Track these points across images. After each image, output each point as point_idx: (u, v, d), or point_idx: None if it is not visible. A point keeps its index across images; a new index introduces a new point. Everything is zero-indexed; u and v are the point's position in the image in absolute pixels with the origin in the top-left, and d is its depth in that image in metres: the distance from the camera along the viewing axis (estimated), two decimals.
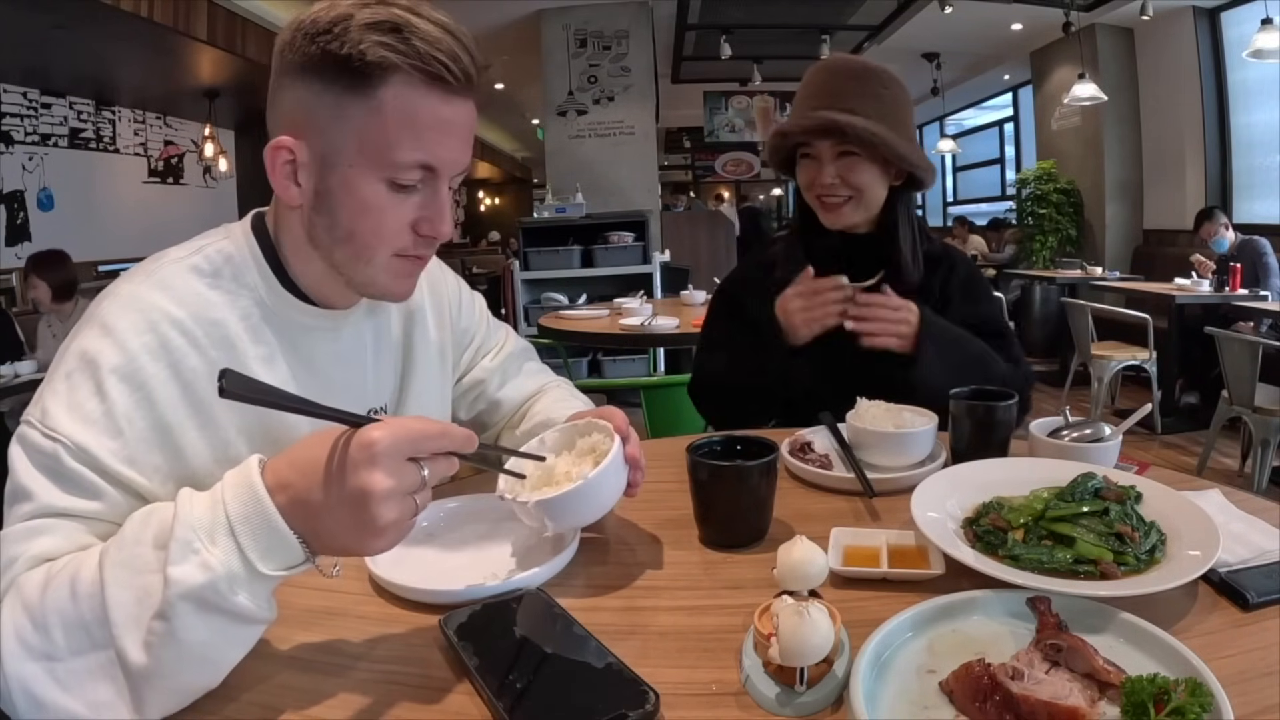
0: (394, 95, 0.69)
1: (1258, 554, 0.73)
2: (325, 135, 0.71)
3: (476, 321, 1.08)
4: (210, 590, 0.54)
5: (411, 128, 0.70)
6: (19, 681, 0.56)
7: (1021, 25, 6.49)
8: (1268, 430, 3.10)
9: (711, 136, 8.83)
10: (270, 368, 0.78)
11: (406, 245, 0.76)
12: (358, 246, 0.75)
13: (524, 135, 11.98)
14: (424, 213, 0.74)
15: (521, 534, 0.87)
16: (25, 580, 0.60)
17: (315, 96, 0.71)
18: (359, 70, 0.68)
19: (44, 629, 0.57)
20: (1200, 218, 4.73)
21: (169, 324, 0.72)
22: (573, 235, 5.18)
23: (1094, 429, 0.97)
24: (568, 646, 0.63)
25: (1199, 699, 0.49)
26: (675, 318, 3.09)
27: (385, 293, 0.80)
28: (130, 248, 6.04)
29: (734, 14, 6.49)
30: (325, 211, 0.74)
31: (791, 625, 0.55)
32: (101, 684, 0.55)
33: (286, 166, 0.73)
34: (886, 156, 1.27)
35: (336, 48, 0.68)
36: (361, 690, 0.60)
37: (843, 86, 1.27)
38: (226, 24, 4.92)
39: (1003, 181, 8.96)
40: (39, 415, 0.67)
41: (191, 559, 0.55)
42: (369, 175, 0.71)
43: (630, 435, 0.81)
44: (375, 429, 0.57)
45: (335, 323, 0.84)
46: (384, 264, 0.76)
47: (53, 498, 0.65)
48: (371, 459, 0.55)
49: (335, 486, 0.56)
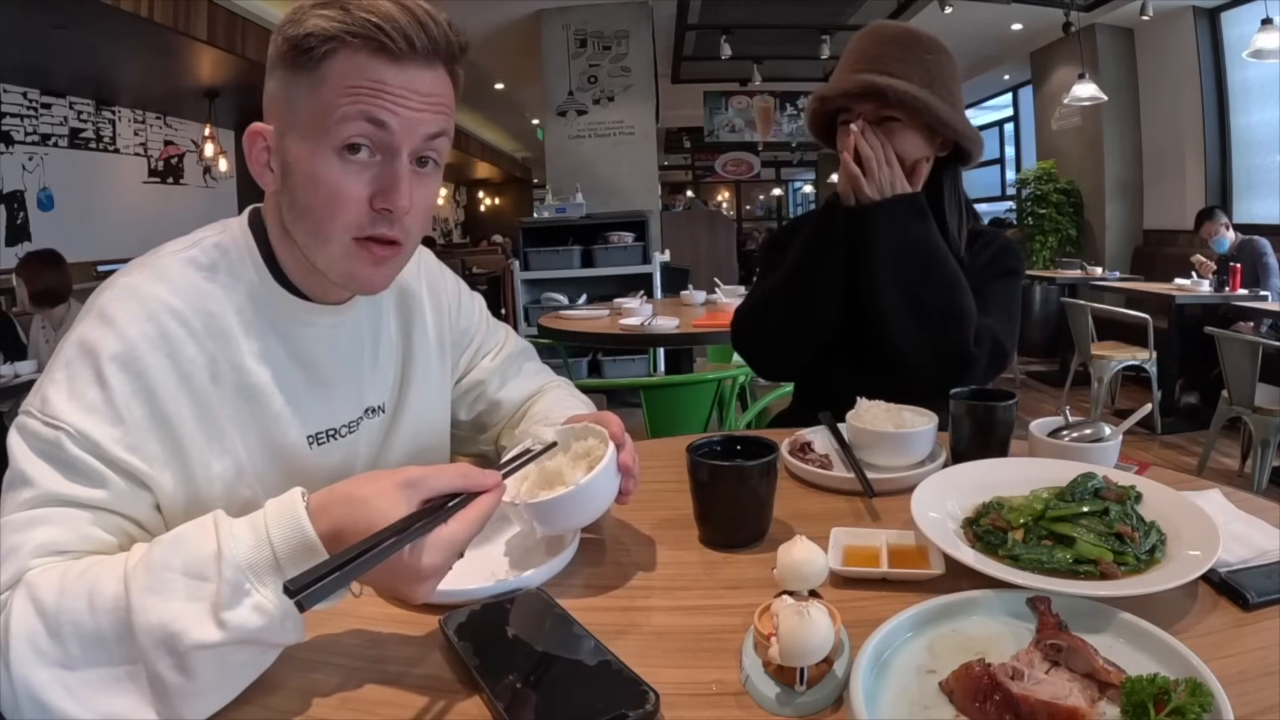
0: (338, 65, 0.70)
1: (1258, 554, 0.73)
2: (282, 115, 0.73)
3: (476, 322, 1.07)
4: (266, 631, 0.56)
5: (354, 93, 0.70)
6: (27, 686, 0.55)
7: (1021, 25, 6.49)
8: (1268, 430, 3.10)
9: (711, 136, 8.84)
10: (264, 362, 0.78)
11: (364, 224, 0.73)
12: (313, 223, 0.74)
13: (524, 135, 11.98)
14: (378, 186, 0.72)
15: (521, 534, 0.87)
16: (37, 581, 0.59)
17: (278, 83, 0.73)
18: (304, 46, 0.70)
19: (58, 638, 0.56)
20: (1200, 217, 4.73)
21: (167, 314, 0.73)
22: (573, 235, 5.17)
23: (1094, 429, 0.97)
24: (567, 646, 0.63)
25: (1199, 699, 0.49)
26: (675, 318, 3.09)
27: (351, 281, 0.78)
28: (130, 248, 6.02)
29: (734, 14, 6.49)
30: (287, 190, 0.75)
31: (791, 625, 0.55)
32: (118, 695, 0.55)
33: (262, 153, 0.75)
34: (930, 123, 1.24)
35: (291, 31, 0.70)
36: (361, 690, 0.60)
37: (886, 51, 1.25)
38: (226, 24, 4.92)
39: (1003, 181, 8.96)
40: (38, 405, 0.67)
41: (244, 602, 0.55)
42: (317, 145, 0.71)
43: (625, 442, 0.81)
44: (427, 555, 0.60)
45: (332, 320, 0.84)
46: (343, 246, 0.74)
47: (55, 484, 0.64)
48: (420, 580, 0.61)
49: (383, 578, 0.61)
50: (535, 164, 13.49)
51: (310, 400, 0.82)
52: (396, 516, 0.59)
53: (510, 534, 0.86)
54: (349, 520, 0.59)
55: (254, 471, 0.78)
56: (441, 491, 0.63)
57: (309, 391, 0.82)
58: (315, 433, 0.83)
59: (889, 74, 1.22)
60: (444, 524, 0.61)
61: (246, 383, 0.77)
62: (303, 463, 0.82)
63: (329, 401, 0.85)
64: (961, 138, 1.27)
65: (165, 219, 6.73)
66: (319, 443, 0.83)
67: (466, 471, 0.65)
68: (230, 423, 0.76)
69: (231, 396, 0.76)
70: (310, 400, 0.82)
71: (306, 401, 0.82)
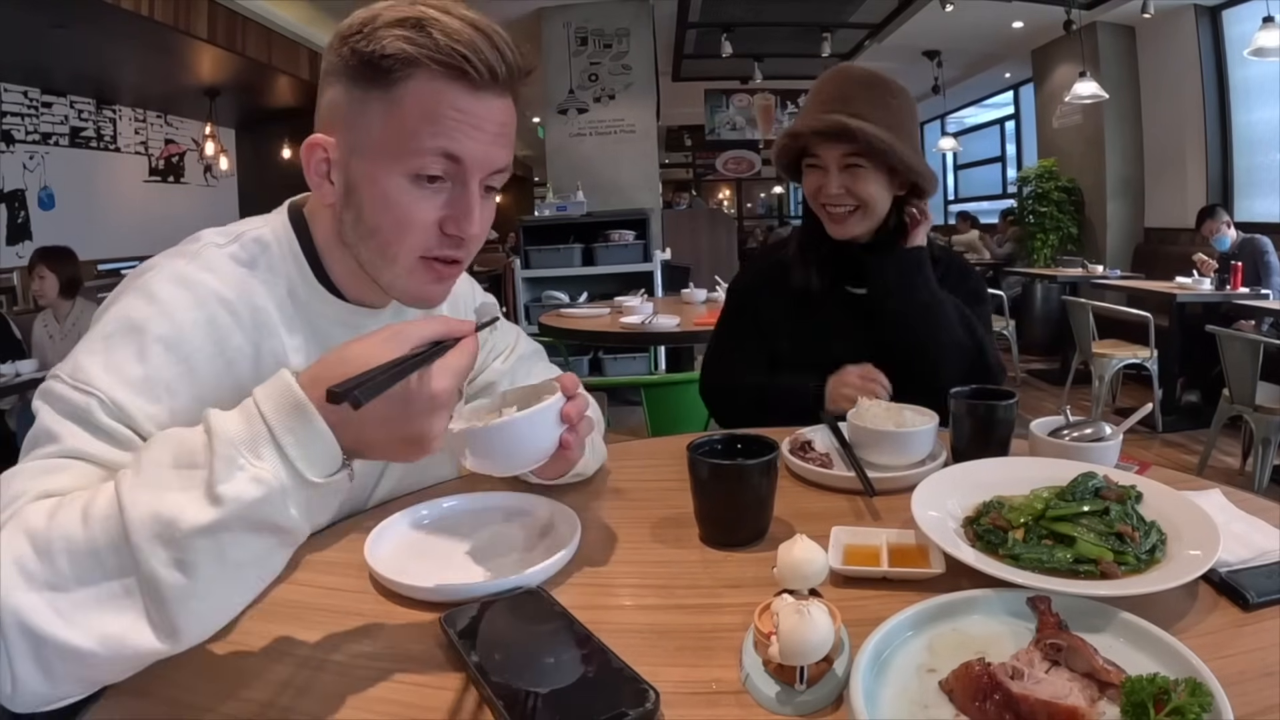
0: (415, 88, 0.69)
1: (1258, 554, 0.73)
2: (352, 131, 0.73)
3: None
4: (265, 505, 0.54)
5: (431, 119, 0.70)
6: (14, 614, 0.51)
7: (1022, 23, 6.48)
8: (1269, 429, 3.10)
9: (712, 135, 8.84)
10: (303, 357, 0.79)
11: (431, 245, 0.75)
12: (381, 244, 0.74)
13: (525, 133, 11.94)
14: (450, 211, 0.73)
15: (522, 533, 0.87)
16: (30, 508, 0.57)
17: (345, 94, 0.72)
18: (381, 66, 0.69)
19: (48, 555, 0.53)
20: (1202, 215, 4.72)
21: (217, 302, 0.73)
22: (573, 233, 5.18)
23: (1095, 428, 0.97)
24: (567, 645, 0.63)
25: (1199, 699, 0.49)
26: (676, 316, 3.10)
27: (411, 297, 0.79)
28: (131, 246, 6.05)
29: (735, 12, 6.49)
30: (352, 207, 0.75)
31: (791, 624, 0.55)
32: (113, 615, 0.53)
33: (321, 164, 0.75)
34: (893, 165, 1.28)
35: (364, 46, 0.69)
36: (362, 688, 0.60)
37: (854, 93, 1.28)
38: (227, 22, 4.92)
39: (1004, 179, 8.95)
40: (69, 370, 0.66)
41: (239, 475, 0.53)
42: (390, 168, 0.71)
43: (578, 397, 0.78)
44: (438, 379, 0.60)
45: (368, 322, 0.85)
46: (408, 266, 0.75)
47: (81, 442, 0.63)
48: (435, 409, 0.60)
49: (395, 423, 0.59)
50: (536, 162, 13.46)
51: None
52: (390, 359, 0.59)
53: (510, 533, 0.87)
54: (345, 376, 0.57)
55: None
56: (426, 338, 0.62)
57: None
58: None
59: (858, 116, 1.25)
60: (441, 356, 0.61)
61: None
62: None
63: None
64: (920, 178, 1.31)
65: (166, 218, 6.73)
66: None
67: (445, 319, 0.65)
68: None
69: None
70: None
71: None
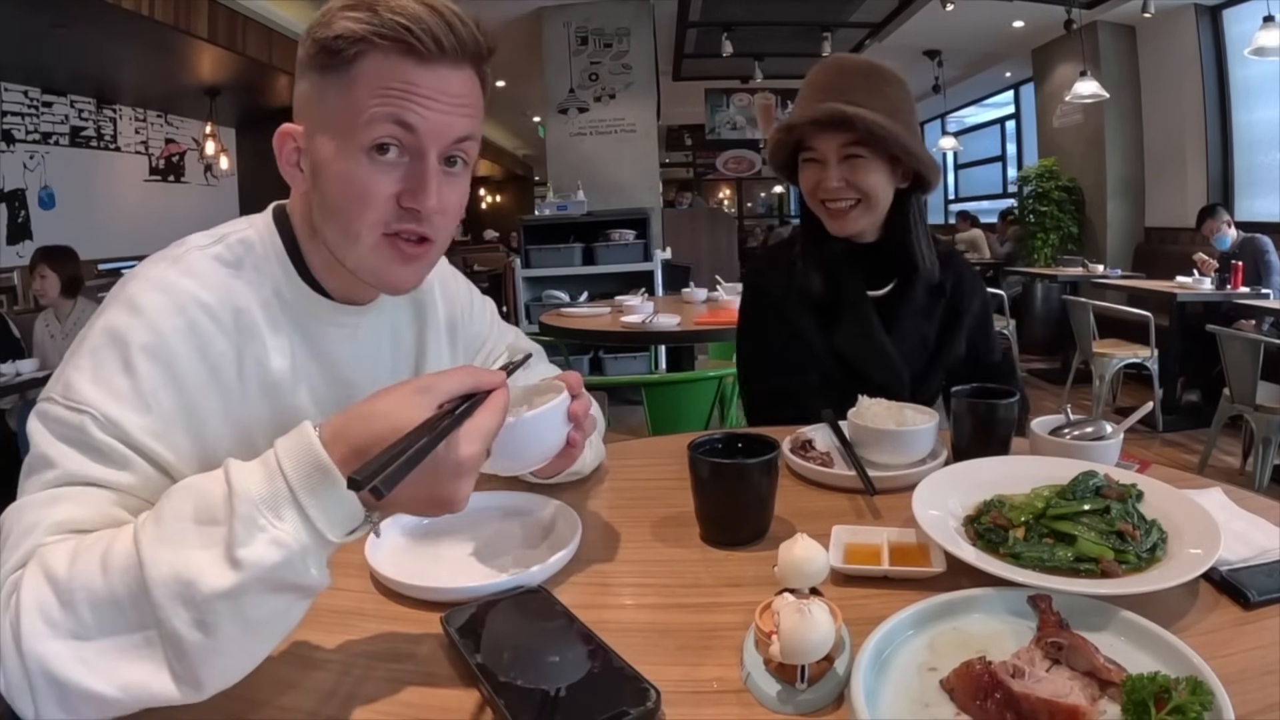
0: (367, 66, 0.70)
1: (1259, 553, 0.73)
2: (313, 116, 0.74)
3: (487, 326, 1.08)
4: (286, 569, 0.54)
5: (382, 93, 0.70)
6: (39, 662, 0.52)
7: (1023, 23, 6.47)
8: (1269, 428, 3.10)
9: (713, 134, 8.83)
10: (286, 358, 0.79)
11: (390, 219, 0.74)
12: (343, 222, 0.74)
13: (525, 133, 11.96)
14: (407, 184, 0.73)
15: (522, 532, 0.87)
16: (49, 553, 0.57)
17: (309, 84, 0.74)
18: (334, 48, 0.70)
19: (71, 606, 0.54)
20: (1202, 215, 4.72)
21: (197, 307, 0.73)
22: (574, 233, 5.17)
23: (1095, 427, 0.97)
24: (569, 644, 0.63)
25: (1199, 697, 0.49)
26: (676, 315, 3.09)
27: (380, 279, 0.78)
28: (131, 246, 6.04)
29: (735, 11, 6.48)
30: (318, 189, 0.75)
31: (792, 623, 0.55)
32: (135, 664, 0.53)
33: (291, 154, 0.76)
34: (894, 152, 1.24)
35: (320, 34, 0.71)
36: (363, 688, 0.60)
37: (849, 82, 1.25)
38: (227, 22, 4.92)
39: (1004, 179, 8.95)
40: (61, 390, 0.66)
41: (259, 537, 0.53)
42: (347, 146, 0.72)
43: (582, 395, 0.80)
44: (465, 445, 0.59)
45: (354, 320, 0.85)
46: (371, 243, 0.75)
47: (78, 465, 0.64)
48: (462, 474, 0.59)
49: (420, 487, 0.58)
50: (536, 161, 13.46)
51: (329, 398, 0.83)
52: (419, 420, 0.57)
53: (512, 532, 0.87)
54: (371, 435, 0.56)
55: None
56: (455, 393, 0.62)
57: (328, 390, 0.83)
58: None
59: (854, 103, 1.21)
60: (471, 417, 0.61)
61: (269, 378, 0.77)
62: None
63: (347, 400, 0.84)
64: (922, 166, 1.27)
65: (166, 217, 6.73)
66: None
67: (473, 371, 0.65)
68: (252, 418, 0.76)
69: (255, 391, 0.77)
70: (329, 398, 0.83)
71: (326, 400, 0.82)
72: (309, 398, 0.81)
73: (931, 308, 1.36)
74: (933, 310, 1.36)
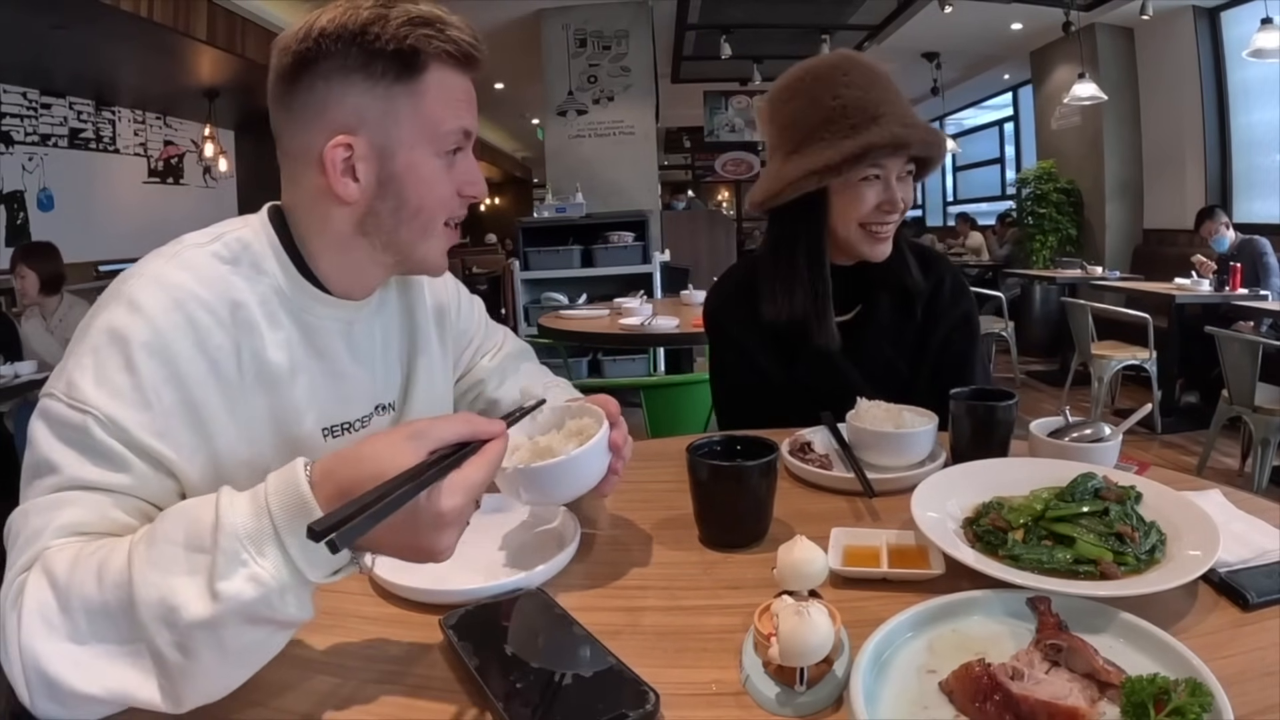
0: (435, 79, 0.77)
1: (1258, 554, 0.73)
2: (381, 126, 0.76)
3: (475, 323, 1.09)
4: (263, 605, 0.55)
5: (450, 103, 0.79)
6: (34, 659, 0.56)
7: (1021, 25, 6.48)
8: (1268, 430, 3.10)
9: (711, 136, 8.83)
10: (284, 352, 0.79)
11: (454, 209, 0.83)
12: (426, 219, 0.81)
13: (524, 135, 11.97)
14: (465, 177, 0.82)
15: (521, 534, 0.87)
16: (53, 557, 0.60)
17: (363, 94, 0.75)
18: (408, 62, 0.75)
19: (68, 611, 0.57)
20: (1201, 217, 4.72)
21: (195, 303, 0.74)
22: (573, 235, 5.17)
23: (1094, 429, 0.97)
24: (568, 646, 0.63)
25: (1199, 699, 0.49)
26: (675, 317, 3.09)
27: (436, 265, 0.86)
28: (130, 248, 6.03)
29: (734, 14, 6.49)
30: (391, 196, 0.79)
31: (791, 625, 0.55)
32: (124, 671, 0.55)
33: (344, 164, 0.77)
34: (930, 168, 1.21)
35: (381, 45, 0.74)
36: (362, 690, 0.60)
37: (893, 95, 1.16)
38: (226, 24, 4.92)
39: (1003, 181, 8.96)
40: (64, 389, 0.67)
41: (240, 572, 0.54)
42: (426, 151, 0.78)
43: (619, 423, 0.82)
44: (446, 498, 0.58)
45: (350, 315, 0.86)
46: (439, 234, 0.83)
47: (79, 470, 0.65)
48: (442, 526, 0.59)
49: (402, 535, 0.58)
50: (535, 164, 13.49)
51: (326, 392, 0.83)
52: (406, 466, 0.57)
53: (510, 534, 0.87)
54: (357, 477, 0.57)
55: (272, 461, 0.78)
56: (448, 441, 0.62)
57: (325, 383, 0.83)
58: (330, 425, 0.84)
59: (909, 122, 1.13)
60: (458, 468, 0.60)
61: (267, 372, 0.78)
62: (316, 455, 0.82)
63: (344, 394, 0.86)
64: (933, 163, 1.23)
65: (165, 219, 6.72)
66: (333, 435, 0.84)
67: (470, 419, 0.64)
68: (252, 411, 0.77)
69: (253, 385, 0.77)
70: (326, 392, 0.83)
71: (323, 393, 0.83)
72: (306, 390, 0.81)
73: (903, 327, 1.28)
74: (904, 330, 1.28)
